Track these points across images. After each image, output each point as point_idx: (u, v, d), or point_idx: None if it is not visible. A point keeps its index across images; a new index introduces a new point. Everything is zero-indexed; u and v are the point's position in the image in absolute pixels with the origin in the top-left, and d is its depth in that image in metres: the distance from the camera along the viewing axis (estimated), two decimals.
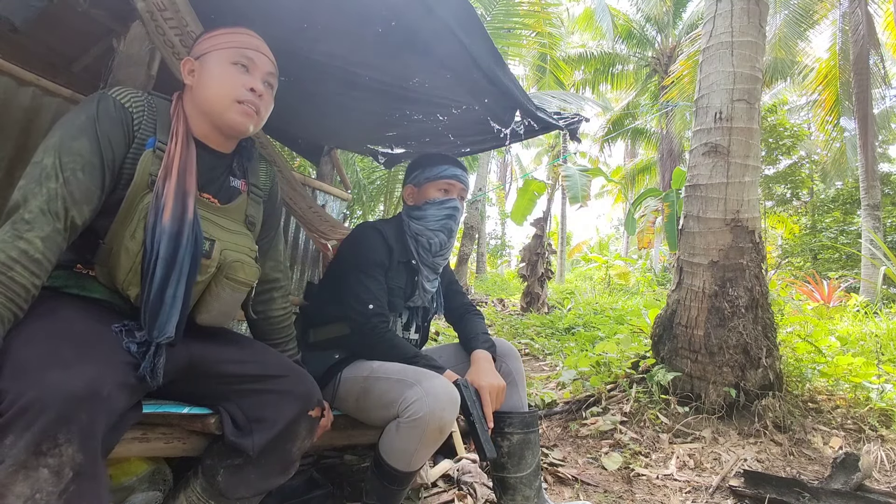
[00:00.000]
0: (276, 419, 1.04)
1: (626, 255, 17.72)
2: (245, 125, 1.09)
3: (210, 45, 1.09)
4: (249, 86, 1.07)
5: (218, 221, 1.07)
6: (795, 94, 13.70)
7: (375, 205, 6.95)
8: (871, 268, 7.08)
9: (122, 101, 0.99)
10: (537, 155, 23.49)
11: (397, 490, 1.31)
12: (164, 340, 0.91)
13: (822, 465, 1.94)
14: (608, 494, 1.78)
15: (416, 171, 1.62)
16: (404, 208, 1.64)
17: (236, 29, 1.11)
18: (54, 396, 0.70)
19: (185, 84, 1.09)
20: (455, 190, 1.59)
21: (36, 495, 0.68)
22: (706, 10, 2.73)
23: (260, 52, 1.11)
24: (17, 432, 0.68)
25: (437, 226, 1.55)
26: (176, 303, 0.93)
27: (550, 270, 7.79)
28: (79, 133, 0.93)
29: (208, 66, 1.07)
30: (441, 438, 1.24)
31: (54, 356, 0.77)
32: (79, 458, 0.71)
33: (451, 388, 1.26)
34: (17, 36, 1.78)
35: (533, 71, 11.53)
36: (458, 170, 1.59)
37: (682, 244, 2.56)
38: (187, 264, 0.95)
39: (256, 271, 1.10)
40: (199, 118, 1.09)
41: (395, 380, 1.30)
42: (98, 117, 0.96)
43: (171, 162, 0.99)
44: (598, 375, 2.85)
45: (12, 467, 0.67)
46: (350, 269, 1.48)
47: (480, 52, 1.39)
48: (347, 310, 1.44)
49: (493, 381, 1.38)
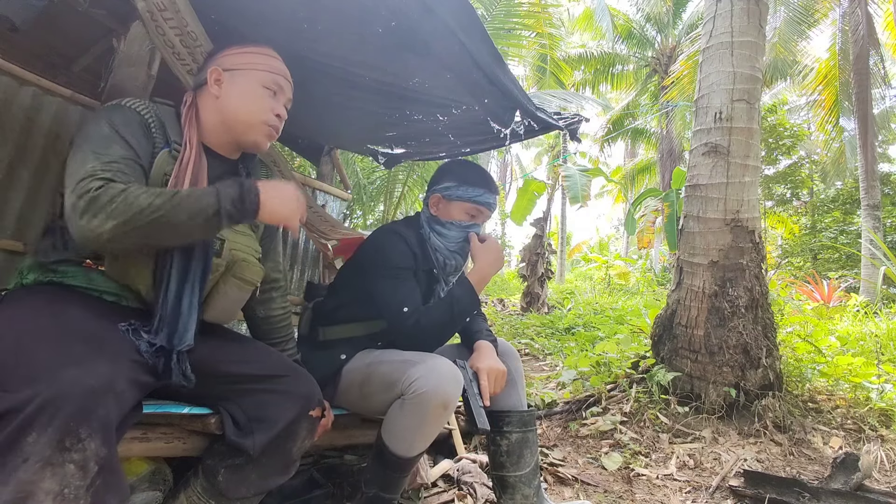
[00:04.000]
0: (276, 419, 1.04)
1: (626, 255, 17.71)
2: (266, 145, 1.17)
3: (243, 62, 1.12)
4: (277, 112, 1.14)
5: None
6: (795, 94, 13.69)
7: (375, 205, 6.94)
8: (870, 268, 7.08)
9: (136, 109, 1.02)
10: (537, 155, 23.49)
11: (398, 477, 1.31)
12: (185, 348, 0.95)
13: (822, 465, 1.94)
14: (608, 494, 1.78)
15: (448, 181, 1.54)
16: (427, 215, 1.57)
17: (265, 50, 1.16)
18: (73, 392, 0.71)
19: (208, 92, 1.11)
20: (482, 216, 1.56)
21: (65, 490, 0.69)
22: (706, 10, 2.73)
23: (286, 78, 1.17)
24: (39, 429, 0.68)
25: (457, 247, 1.53)
26: (192, 311, 0.97)
27: (550, 270, 7.80)
28: (108, 142, 0.94)
29: (241, 83, 1.11)
30: (444, 417, 1.24)
31: (67, 353, 0.78)
32: (102, 452, 0.73)
33: (454, 367, 1.28)
34: (18, 35, 1.79)
35: (533, 71, 11.53)
36: (491, 197, 1.54)
37: (682, 244, 2.56)
38: (199, 271, 0.99)
39: (261, 271, 1.15)
40: (217, 127, 1.12)
41: (399, 361, 1.31)
42: (118, 124, 0.97)
43: (184, 170, 1.00)
44: (598, 375, 2.85)
45: (38, 463, 0.67)
46: (378, 276, 1.44)
47: (480, 52, 1.39)
48: (384, 316, 1.43)
49: (492, 364, 1.40)
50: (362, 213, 6.80)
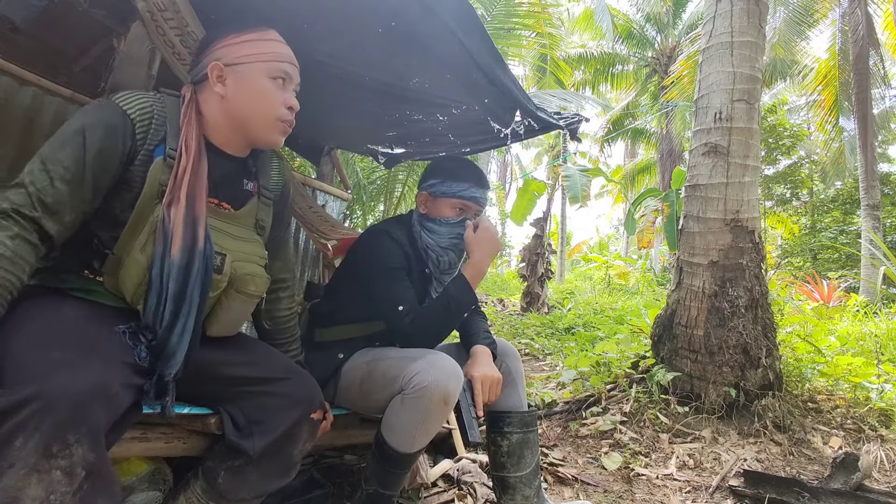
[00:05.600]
0: (277, 422, 1.04)
1: (626, 255, 17.71)
2: (281, 142, 1.11)
3: (245, 53, 1.04)
4: (289, 104, 1.07)
5: (229, 230, 1.06)
6: (795, 94, 13.69)
7: (375, 205, 6.93)
8: (870, 268, 7.09)
9: (124, 108, 0.95)
10: (537, 155, 23.50)
11: (398, 474, 1.31)
12: (173, 376, 0.90)
13: (821, 464, 1.94)
14: (608, 494, 1.78)
15: (434, 178, 1.53)
16: (417, 215, 1.56)
17: (267, 34, 1.07)
18: (61, 397, 0.70)
19: (211, 89, 1.03)
20: (471, 210, 1.52)
21: (50, 497, 0.68)
22: (706, 10, 2.73)
23: (293, 63, 1.10)
24: (26, 434, 0.67)
25: (448, 244, 1.50)
26: (184, 336, 0.92)
27: (550, 270, 7.80)
28: (66, 142, 0.90)
29: (247, 78, 1.03)
30: (445, 412, 1.22)
31: (59, 357, 0.77)
32: (90, 458, 0.72)
33: (455, 363, 1.26)
34: (18, 36, 1.79)
35: (533, 71, 11.53)
36: (478, 191, 1.51)
37: (682, 244, 2.56)
38: (197, 295, 0.93)
39: (266, 281, 1.09)
40: (225, 126, 1.05)
41: (399, 357, 1.30)
42: (90, 126, 0.91)
43: (179, 184, 0.93)
44: (598, 375, 2.85)
45: (24, 469, 0.66)
46: (371, 277, 1.43)
47: (480, 52, 1.39)
48: (381, 317, 1.43)
49: (486, 371, 1.37)
50: (362, 213, 6.79)
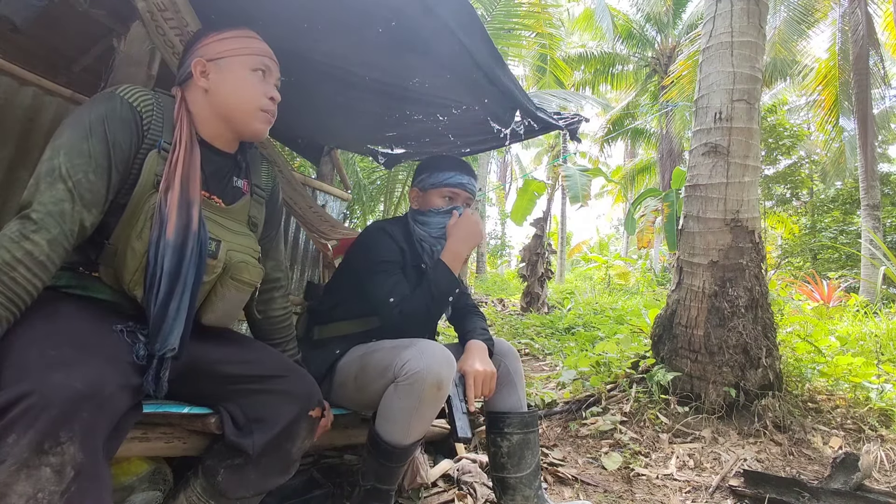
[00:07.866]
0: (276, 419, 1.04)
1: (626, 255, 17.71)
2: (265, 132, 1.13)
3: (226, 48, 1.08)
4: (269, 94, 1.11)
5: (223, 222, 1.08)
6: (795, 94, 13.69)
7: (375, 205, 6.94)
8: (870, 268, 7.08)
9: (130, 101, 0.98)
10: (537, 155, 23.49)
11: (395, 467, 1.30)
12: (168, 353, 0.91)
13: (821, 464, 1.94)
14: (608, 494, 1.78)
15: (422, 174, 1.59)
16: (410, 211, 1.62)
17: (245, 32, 1.12)
18: (56, 395, 0.70)
19: (196, 85, 1.07)
20: (460, 198, 1.56)
21: (38, 494, 0.68)
22: (706, 10, 2.73)
23: (271, 58, 1.14)
24: (20, 431, 0.68)
25: (440, 233, 1.52)
26: (180, 315, 0.93)
27: (550, 270, 7.80)
28: (89, 133, 0.92)
29: (229, 71, 1.07)
30: (439, 398, 1.22)
31: (57, 356, 0.77)
32: (80, 458, 0.71)
33: (446, 349, 1.26)
34: (18, 36, 1.79)
35: (533, 71, 11.54)
36: (464, 177, 1.55)
37: (682, 244, 2.56)
38: (192, 275, 0.94)
39: (260, 272, 1.12)
40: (212, 121, 1.09)
41: (390, 347, 1.31)
42: (107, 117, 0.94)
43: (173, 171, 0.97)
44: (598, 375, 2.85)
45: (14, 466, 0.67)
46: (364, 272, 1.46)
47: (480, 52, 1.39)
48: (374, 310, 1.44)
49: (479, 366, 1.36)
50: (362, 213, 6.79)
